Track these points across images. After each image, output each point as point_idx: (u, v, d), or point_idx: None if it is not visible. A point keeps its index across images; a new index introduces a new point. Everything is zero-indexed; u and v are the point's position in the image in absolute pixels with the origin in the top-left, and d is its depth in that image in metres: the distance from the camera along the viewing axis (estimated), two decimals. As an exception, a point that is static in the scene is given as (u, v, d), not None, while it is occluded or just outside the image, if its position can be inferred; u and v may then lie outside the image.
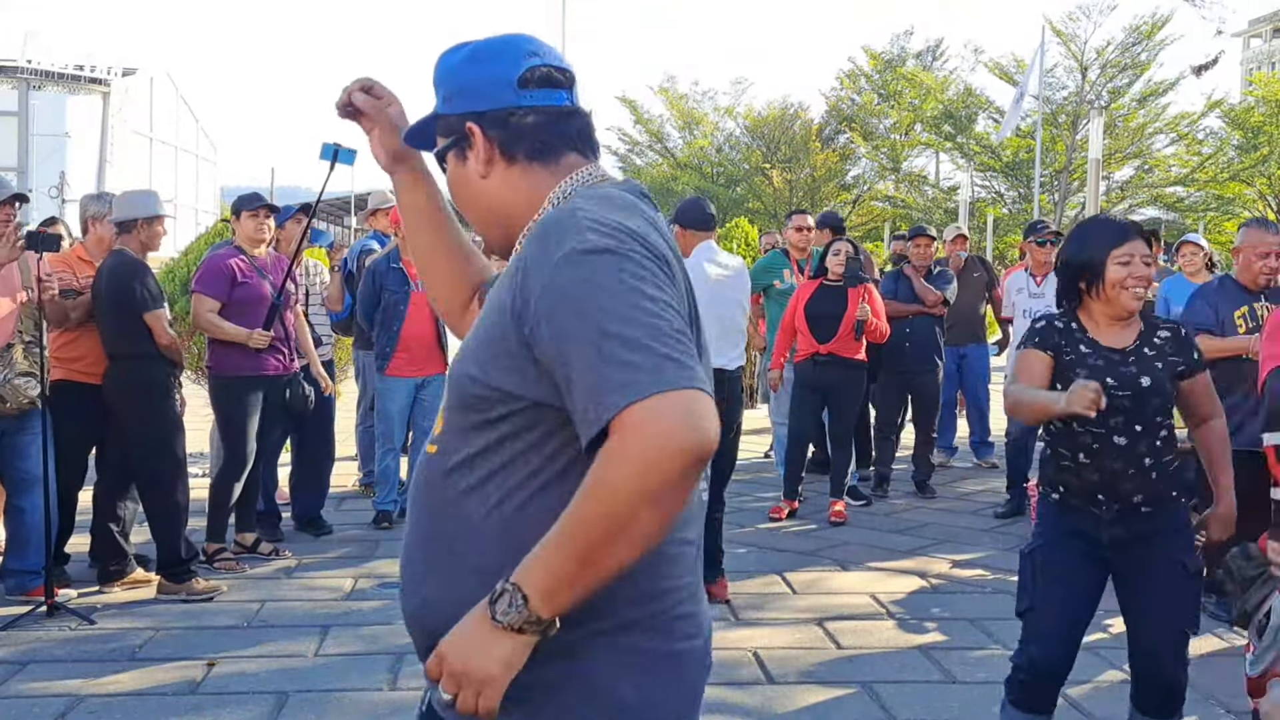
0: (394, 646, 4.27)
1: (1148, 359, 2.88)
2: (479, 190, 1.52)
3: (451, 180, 1.55)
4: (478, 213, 1.54)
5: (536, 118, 1.49)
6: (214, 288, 5.24)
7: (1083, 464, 2.87)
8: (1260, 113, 27.34)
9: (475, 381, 1.39)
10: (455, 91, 1.52)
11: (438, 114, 1.54)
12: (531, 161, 1.49)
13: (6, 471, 4.72)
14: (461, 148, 1.51)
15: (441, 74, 1.55)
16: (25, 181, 22.17)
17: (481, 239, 1.62)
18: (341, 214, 42.21)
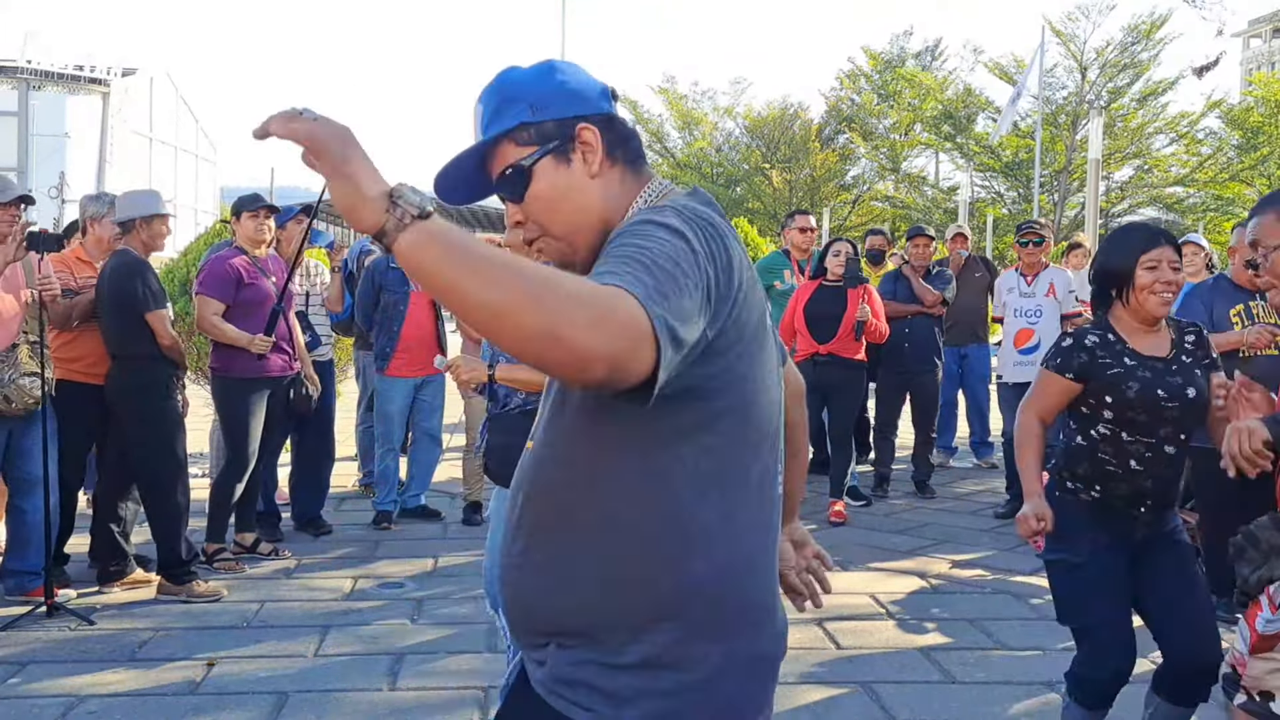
0: (394, 646, 4.27)
1: (1187, 367, 2.93)
2: (585, 194, 1.50)
3: (544, 190, 1.50)
4: (578, 218, 1.51)
5: (626, 126, 1.55)
6: (219, 290, 5.24)
7: (1135, 471, 2.92)
8: (1260, 113, 27.34)
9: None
10: (547, 98, 1.51)
11: (524, 123, 1.50)
12: (627, 167, 1.53)
13: (10, 472, 4.71)
14: (564, 151, 1.50)
15: (517, 87, 1.52)
16: (25, 182, 22.15)
17: (553, 254, 1.55)
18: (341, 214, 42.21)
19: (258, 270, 5.34)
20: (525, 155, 1.50)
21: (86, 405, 4.93)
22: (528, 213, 1.52)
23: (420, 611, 4.74)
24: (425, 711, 3.67)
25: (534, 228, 1.53)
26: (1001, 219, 29.99)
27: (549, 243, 1.54)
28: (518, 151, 1.51)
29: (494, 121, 1.52)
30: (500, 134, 1.51)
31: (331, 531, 6.06)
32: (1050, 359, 3.00)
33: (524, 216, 1.53)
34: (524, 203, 1.51)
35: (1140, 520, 2.96)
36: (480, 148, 1.53)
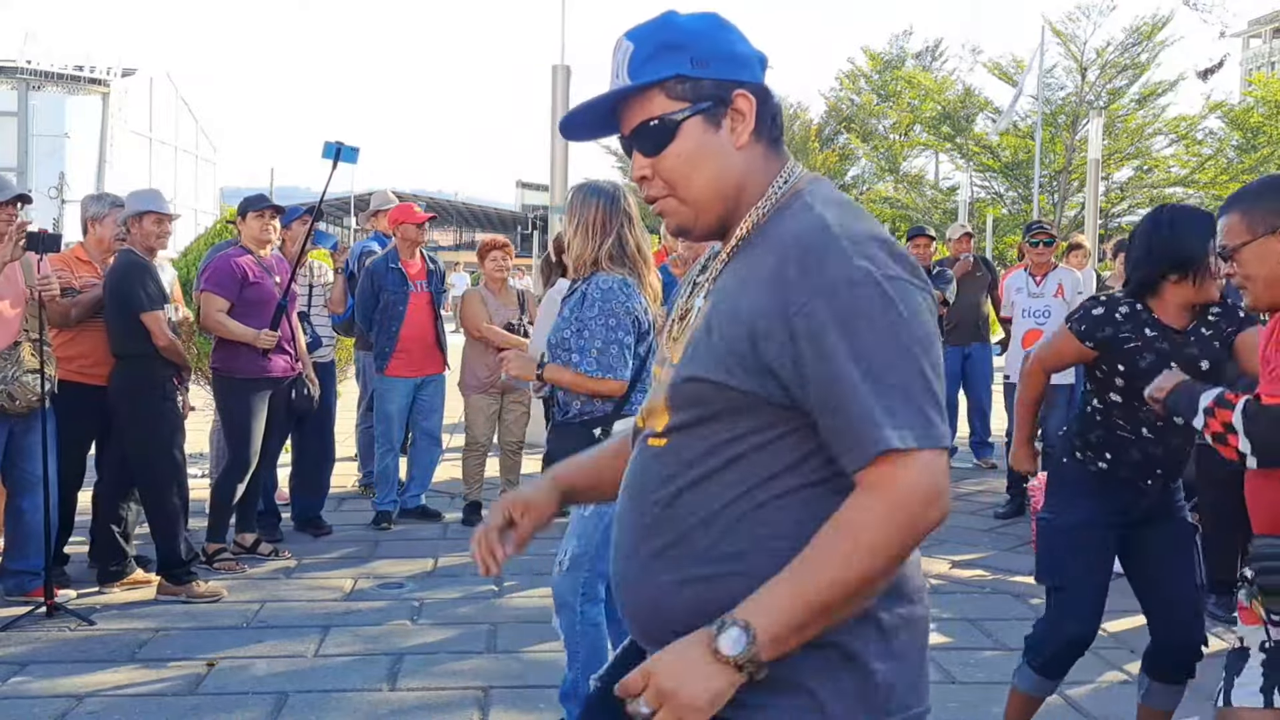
0: (394, 646, 4.27)
1: (1205, 339, 2.94)
2: (726, 162, 1.44)
3: (686, 149, 1.43)
4: (714, 185, 1.44)
5: (775, 101, 1.49)
6: (224, 288, 5.24)
7: (1147, 438, 2.93)
8: (1260, 113, 27.34)
9: (709, 384, 1.38)
10: (711, 54, 1.42)
11: (681, 75, 1.42)
12: (771, 144, 1.48)
13: (10, 472, 4.71)
14: (715, 114, 1.43)
15: (681, 34, 1.43)
16: (25, 182, 22.14)
17: (675, 216, 1.48)
18: (341, 214, 42.25)
19: (262, 270, 5.34)
20: (675, 110, 1.42)
21: (85, 405, 4.92)
22: (660, 169, 1.45)
23: (420, 611, 4.74)
24: (425, 711, 3.67)
25: (661, 186, 1.46)
26: (1001, 219, 30.00)
27: (672, 204, 1.47)
28: (666, 104, 1.42)
29: (647, 65, 1.42)
30: (653, 81, 1.42)
31: (331, 531, 6.06)
32: (1077, 321, 2.99)
33: (653, 173, 1.46)
34: (659, 158, 1.44)
35: (1148, 492, 2.96)
36: (625, 91, 1.44)
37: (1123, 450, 2.96)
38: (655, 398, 1.49)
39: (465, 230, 57.24)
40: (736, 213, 1.46)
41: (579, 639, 3.30)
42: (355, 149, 5.64)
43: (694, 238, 1.51)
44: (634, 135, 1.46)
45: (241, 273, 5.25)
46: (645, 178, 1.47)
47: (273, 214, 5.43)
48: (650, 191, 1.48)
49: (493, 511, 1.70)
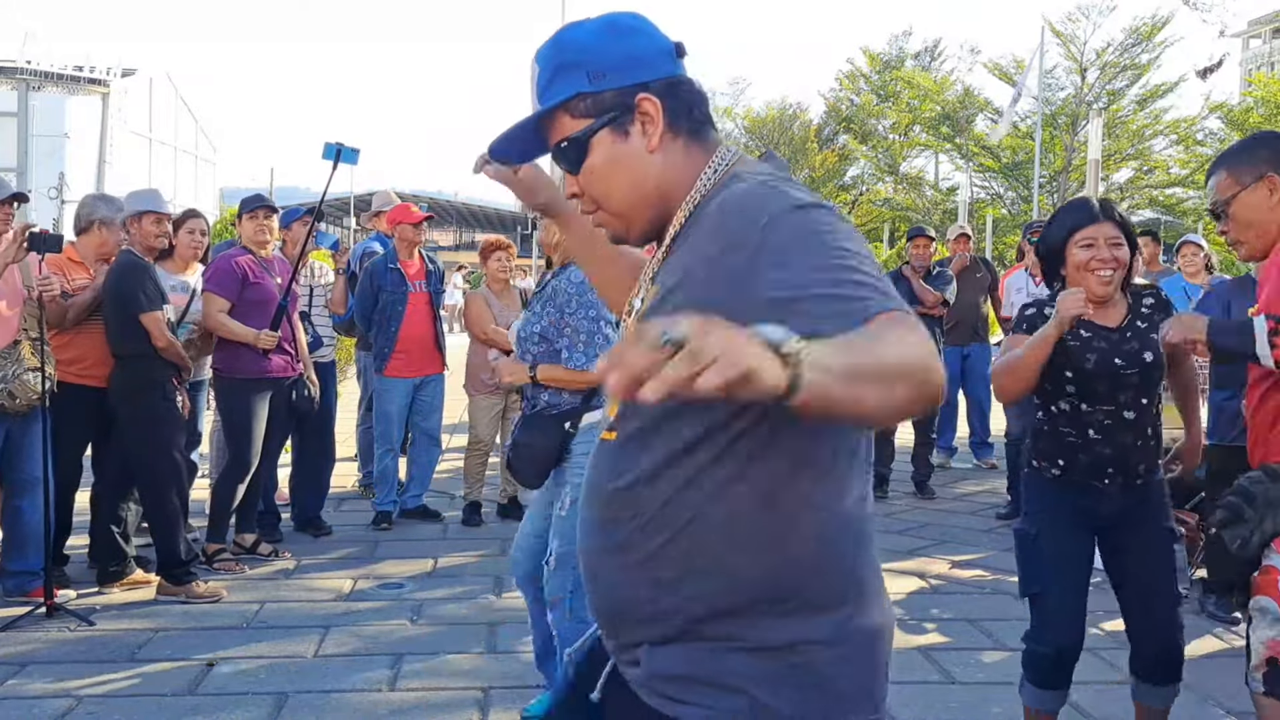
0: (394, 646, 4.27)
1: (1142, 332, 2.95)
2: (642, 167, 1.44)
3: (600, 163, 1.44)
4: (634, 193, 1.45)
5: (692, 89, 1.48)
6: (225, 288, 5.24)
7: (1094, 440, 2.93)
8: (1259, 114, 27.35)
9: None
10: (606, 65, 1.43)
11: (581, 93, 1.43)
12: (691, 137, 1.46)
13: (8, 473, 4.71)
14: (622, 123, 1.43)
15: (578, 51, 1.44)
16: (24, 182, 22.13)
17: (609, 227, 1.51)
18: (341, 215, 42.24)
19: (263, 270, 5.34)
20: (581, 127, 1.44)
21: (82, 406, 4.92)
22: (584, 185, 1.48)
23: (420, 611, 4.74)
24: (425, 711, 3.67)
25: (590, 201, 1.49)
26: (1001, 219, 30.01)
27: (604, 217, 1.50)
28: (574, 123, 1.45)
29: (549, 88, 1.45)
30: (556, 104, 1.45)
31: (331, 532, 6.06)
32: (1017, 326, 3.01)
33: (580, 189, 1.49)
34: (580, 175, 1.47)
35: (1108, 492, 2.94)
36: (534, 119, 1.48)
37: (1072, 455, 2.96)
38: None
39: (465, 230, 57.23)
40: (666, 211, 1.47)
41: (573, 633, 3.32)
42: (356, 150, 5.64)
43: (632, 244, 1.54)
44: (556, 156, 1.49)
45: (242, 273, 5.26)
46: (575, 194, 1.50)
47: (266, 214, 5.43)
48: (584, 208, 1.51)
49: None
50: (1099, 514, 2.96)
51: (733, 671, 1.33)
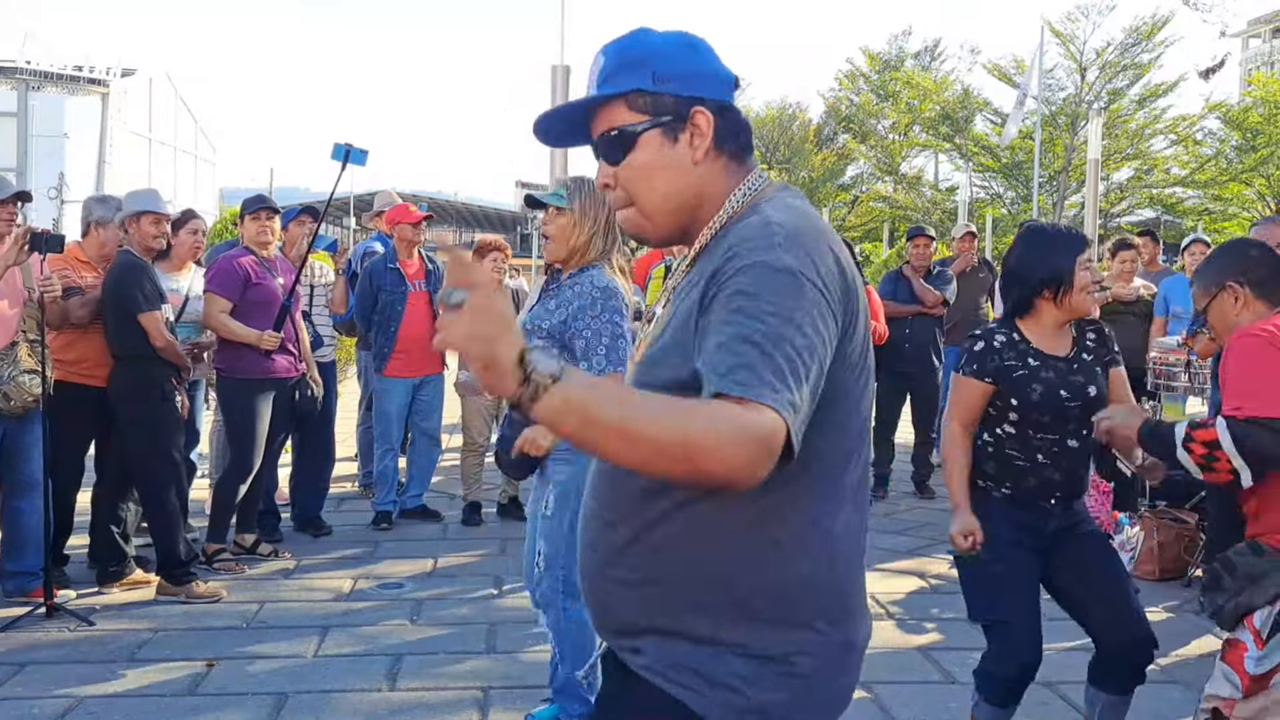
0: (393, 647, 4.27)
1: (1088, 365, 3.02)
2: (683, 175, 1.50)
3: (644, 161, 1.50)
4: (670, 199, 1.51)
5: (740, 117, 1.55)
6: (226, 288, 5.24)
7: (1042, 464, 2.98)
8: (1259, 113, 27.34)
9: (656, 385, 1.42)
10: (677, 74, 1.49)
11: (642, 89, 1.49)
12: (731, 158, 1.53)
13: (7, 474, 4.71)
14: (673, 129, 1.49)
15: (648, 52, 1.50)
16: (24, 182, 22.12)
17: (633, 224, 1.56)
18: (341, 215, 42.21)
19: (265, 270, 5.34)
20: (635, 122, 1.49)
21: (85, 407, 4.92)
22: (621, 179, 1.52)
23: (420, 611, 4.74)
24: (425, 711, 3.67)
25: (622, 195, 1.53)
26: (1001, 219, 30.00)
27: (630, 213, 1.54)
28: (628, 115, 1.50)
29: (612, 79, 1.50)
30: (615, 94, 1.49)
31: (331, 532, 6.06)
32: (965, 365, 3.04)
33: (614, 182, 1.53)
34: (620, 167, 1.51)
35: (1053, 512, 2.99)
36: (590, 101, 1.52)
37: (1020, 477, 3.00)
38: None
39: (465, 230, 57.23)
40: (696, 223, 1.53)
41: (565, 635, 3.32)
42: (364, 151, 5.64)
43: (651, 244, 1.60)
44: (599, 144, 1.53)
45: (244, 273, 5.26)
46: (608, 185, 1.54)
47: (269, 215, 5.43)
48: (613, 199, 1.56)
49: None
50: (1044, 533, 3.01)
51: (732, 673, 1.42)
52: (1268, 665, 2.34)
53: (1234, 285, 2.67)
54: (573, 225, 3.31)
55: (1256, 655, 2.36)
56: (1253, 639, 2.37)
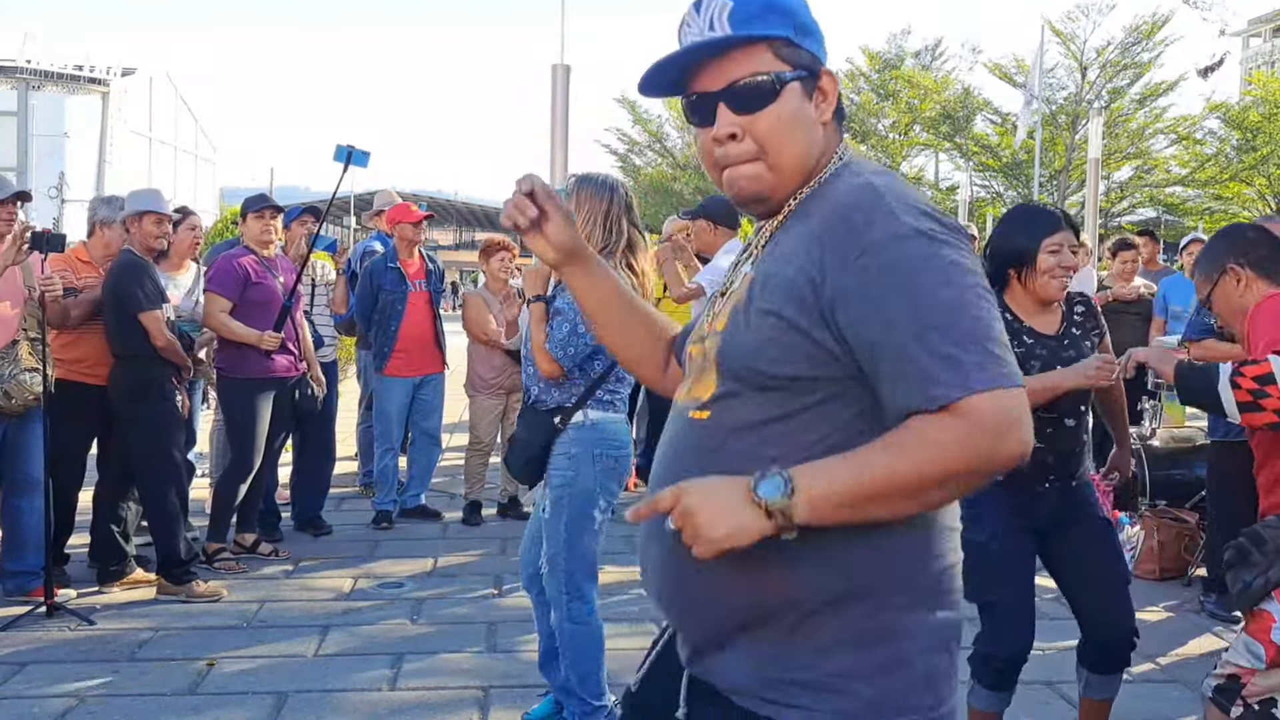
0: (394, 646, 4.27)
1: (1077, 340, 3.03)
2: (814, 135, 1.44)
3: (789, 111, 1.40)
4: (804, 158, 1.43)
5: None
6: (227, 288, 5.24)
7: (1036, 446, 2.92)
8: (1259, 113, 27.33)
9: (753, 352, 1.37)
10: (810, 30, 1.44)
11: (789, 38, 1.41)
12: (839, 125, 1.49)
13: (7, 473, 4.71)
14: (809, 86, 1.43)
15: (795, 3, 1.43)
16: (24, 181, 22.11)
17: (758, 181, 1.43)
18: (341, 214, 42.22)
19: (265, 270, 5.34)
20: (783, 70, 1.40)
21: (86, 405, 4.92)
22: (755, 130, 1.40)
23: (420, 611, 4.74)
24: (425, 711, 3.67)
25: (750, 148, 1.41)
26: (1001, 219, 29.97)
27: (758, 169, 1.43)
28: (773, 63, 1.40)
29: (755, 21, 1.39)
30: (762, 36, 1.39)
31: (331, 531, 6.05)
32: None
33: (743, 132, 1.41)
34: (755, 117, 1.40)
35: (1047, 495, 2.99)
36: (727, 41, 1.39)
37: None
38: (700, 371, 1.47)
39: (465, 230, 57.23)
40: (802, 183, 1.45)
41: (567, 636, 3.32)
42: (366, 153, 5.64)
43: (766, 206, 1.46)
44: (729, 91, 1.40)
45: (244, 273, 5.25)
46: (733, 136, 1.41)
47: (273, 214, 5.44)
48: (733, 152, 1.42)
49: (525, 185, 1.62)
50: (1038, 516, 3.01)
51: (833, 671, 1.35)
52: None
53: (1235, 267, 2.69)
54: (579, 226, 3.30)
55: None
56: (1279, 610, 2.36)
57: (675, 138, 34.94)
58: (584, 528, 3.29)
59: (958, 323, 1.26)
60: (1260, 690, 2.36)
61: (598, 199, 3.30)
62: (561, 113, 10.56)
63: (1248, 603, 2.46)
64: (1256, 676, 2.38)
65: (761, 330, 1.37)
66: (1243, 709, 2.38)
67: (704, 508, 1.25)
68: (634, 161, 35.08)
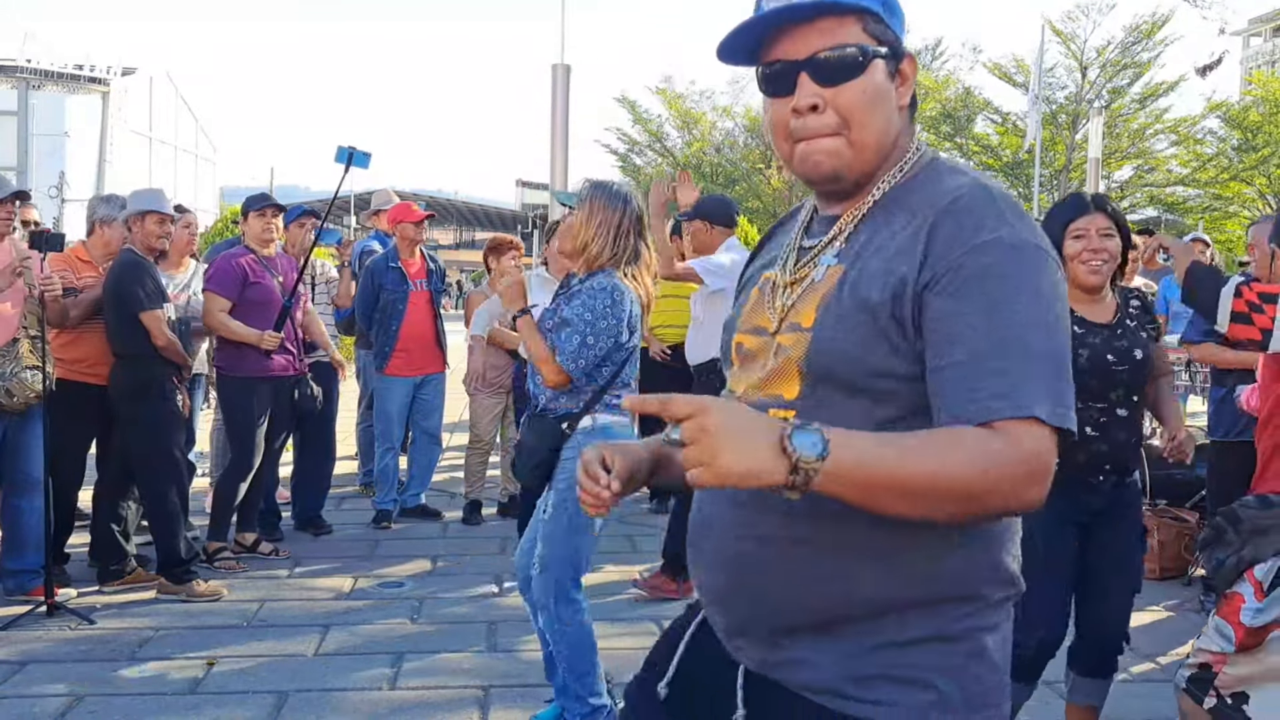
0: (394, 646, 4.27)
1: (1131, 330, 3.01)
2: (893, 116, 1.40)
3: (875, 86, 1.37)
4: (884, 135, 1.39)
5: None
6: (225, 287, 5.24)
7: (1091, 437, 2.94)
8: (1259, 112, 27.32)
9: (848, 348, 1.33)
10: (896, 14, 1.41)
11: (879, 13, 1.38)
12: (910, 116, 1.46)
13: (7, 472, 4.70)
14: (891, 66, 1.39)
15: None
16: (24, 181, 22.12)
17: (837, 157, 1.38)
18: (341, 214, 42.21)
19: (265, 269, 5.34)
20: (871, 44, 1.37)
21: (87, 405, 4.92)
22: (838, 103, 1.36)
23: (420, 611, 4.74)
24: (425, 711, 3.67)
25: (831, 121, 1.37)
26: (1001, 218, 29.98)
27: (838, 144, 1.38)
28: (862, 36, 1.37)
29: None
30: (854, 6, 1.36)
31: (331, 531, 6.06)
32: None
33: (825, 104, 1.37)
34: (839, 89, 1.36)
35: (1100, 488, 2.97)
36: (817, 8, 1.35)
37: (1069, 452, 2.97)
38: (773, 366, 1.41)
39: (465, 229, 57.22)
40: (877, 172, 1.42)
41: (560, 638, 3.32)
42: (368, 154, 5.63)
43: (843, 184, 1.42)
44: (814, 61, 1.36)
45: (243, 272, 5.25)
46: (814, 108, 1.37)
47: (274, 213, 5.44)
48: (813, 124, 1.38)
49: (586, 454, 1.51)
50: (1088, 509, 2.98)
51: (918, 665, 1.33)
52: (1265, 618, 2.31)
53: None
54: (579, 224, 3.31)
55: (1255, 607, 2.34)
56: (1253, 591, 2.35)
57: (675, 137, 34.92)
58: (583, 531, 3.29)
59: (1039, 344, 1.24)
60: (1232, 681, 2.34)
61: (611, 210, 3.29)
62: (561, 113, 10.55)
63: (1222, 582, 2.45)
64: (1228, 666, 2.36)
65: (859, 330, 1.32)
66: (1216, 700, 2.36)
67: (728, 435, 1.12)
68: (634, 161, 35.04)
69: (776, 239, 1.61)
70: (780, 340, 1.41)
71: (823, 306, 1.37)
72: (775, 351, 1.42)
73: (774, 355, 1.42)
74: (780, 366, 1.40)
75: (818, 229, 1.48)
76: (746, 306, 1.53)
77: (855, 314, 1.33)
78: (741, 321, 1.53)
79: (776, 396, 1.40)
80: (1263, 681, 2.28)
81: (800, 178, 1.44)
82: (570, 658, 3.33)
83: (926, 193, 1.37)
